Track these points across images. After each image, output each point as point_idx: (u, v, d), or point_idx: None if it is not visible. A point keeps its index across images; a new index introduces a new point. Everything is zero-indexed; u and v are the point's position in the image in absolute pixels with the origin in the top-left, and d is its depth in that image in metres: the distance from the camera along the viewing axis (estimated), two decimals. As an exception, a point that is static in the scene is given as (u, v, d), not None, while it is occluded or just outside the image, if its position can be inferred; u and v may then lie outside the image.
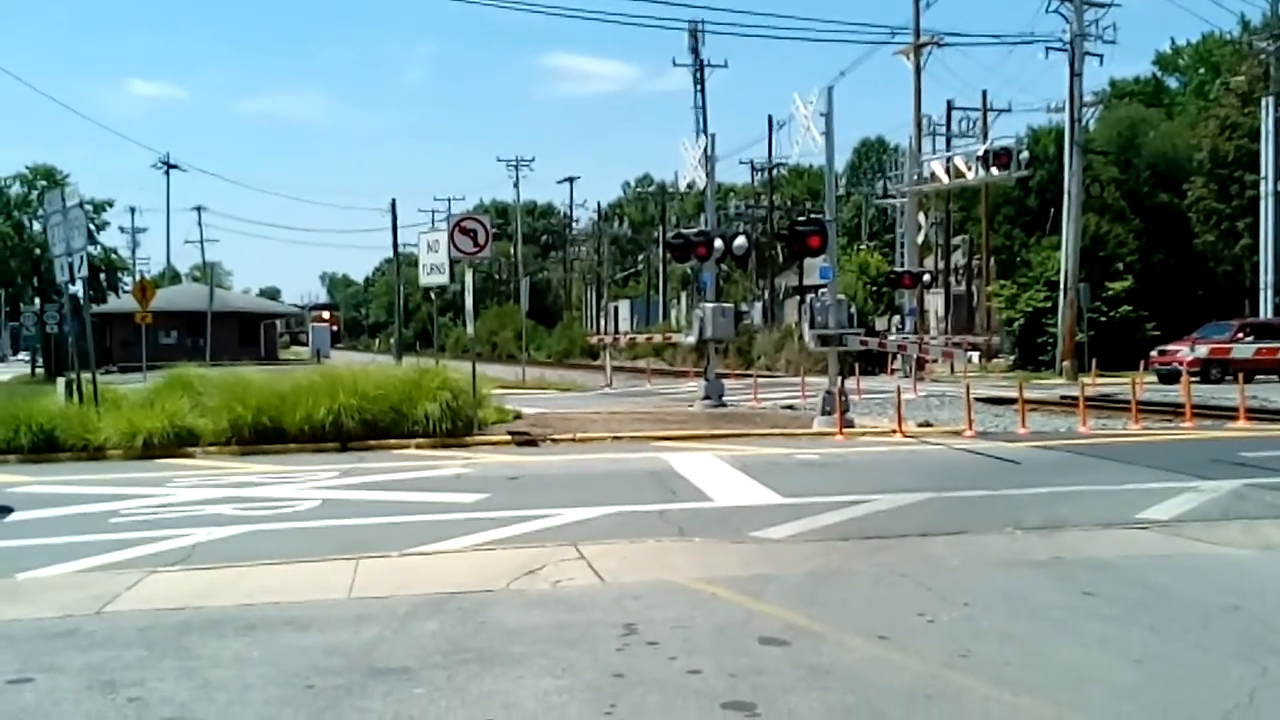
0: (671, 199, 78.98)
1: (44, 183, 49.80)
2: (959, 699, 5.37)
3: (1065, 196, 39.33)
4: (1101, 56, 39.41)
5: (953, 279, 52.77)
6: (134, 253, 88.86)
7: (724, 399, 24.88)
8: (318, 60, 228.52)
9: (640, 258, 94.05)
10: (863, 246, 63.45)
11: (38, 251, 47.55)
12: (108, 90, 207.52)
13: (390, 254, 68.40)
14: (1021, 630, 6.64)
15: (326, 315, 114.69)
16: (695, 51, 55.61)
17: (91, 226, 46.39)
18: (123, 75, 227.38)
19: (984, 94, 48.71)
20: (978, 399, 22.37)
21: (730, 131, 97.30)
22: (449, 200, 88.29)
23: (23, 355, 60.39)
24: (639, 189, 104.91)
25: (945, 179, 36.83)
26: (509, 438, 18.31)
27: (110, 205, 55.56)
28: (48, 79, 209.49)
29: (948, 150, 41.55)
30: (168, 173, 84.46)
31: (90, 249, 37.78)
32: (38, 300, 49.44)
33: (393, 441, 17.66)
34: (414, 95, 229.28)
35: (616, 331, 72.80)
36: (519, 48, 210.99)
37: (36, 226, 48.42)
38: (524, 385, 34.34)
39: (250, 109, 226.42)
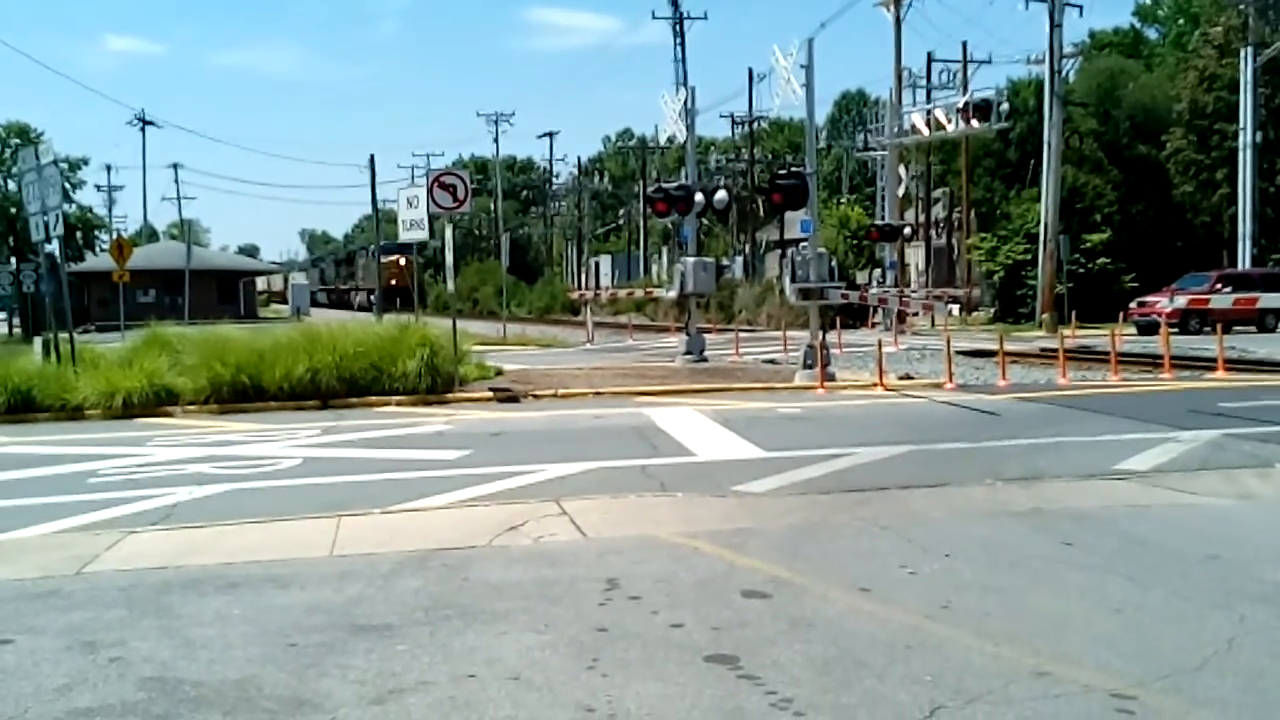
0: (652, 153, 78.53)
1: (18, 140, 49.28)
2: (941, 649, 5.40)
3: (1045, 148, 39.26)
4: (1081, 7, 39.31)
5: (933, 232, 52.76)
6: (110, 211, 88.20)
7: (705, 354, 24.84)
8: (291, 12, 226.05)
9: (621, 213, 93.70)
10: (843, 200, 63.37)
11: (13, 210, 47.01)
12: (83, 45, 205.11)
13: (370, 210, 67.49)
14: (1002, 581, 6.68)
15: (403, 261, 75.29)
16: (675, 3, 55.09)
17: (67, 184, 45.79)
18: (98, 30, 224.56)
19: (964, 46, 48.65)
20: (958, 352, 22.46)
21: (710, 85, 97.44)
22: (428, 156, 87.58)
23: (-1, 315, 59.84)
24: (619, 143, 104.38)
25: (925, 131, 36.71)
26: (490, 394, 18.29)
27: (86, 163, 55.15)
28: (20, 34, 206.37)
29: (928, 103, 41.33)
30: (143, 129, 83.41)
31: (66, 207, 37.27)
32: (14, 259, 48.82)
33: (374, 399, 17.62)
34: (390, 49, 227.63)
35: (598, 287, 72.66)
36: (495, 1, 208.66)
37: (11, 185, 47.92)
38: (505, 341, 34.25)
39: (226, 62, 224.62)
